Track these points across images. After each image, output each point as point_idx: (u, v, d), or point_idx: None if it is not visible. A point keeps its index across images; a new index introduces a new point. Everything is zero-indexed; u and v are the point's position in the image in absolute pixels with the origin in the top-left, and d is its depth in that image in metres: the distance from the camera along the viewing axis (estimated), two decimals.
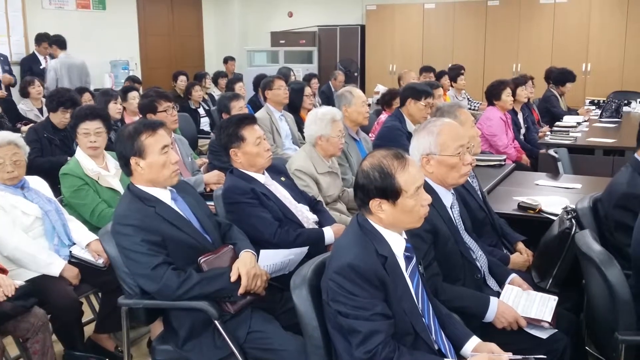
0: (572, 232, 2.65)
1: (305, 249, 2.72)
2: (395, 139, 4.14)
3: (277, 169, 3.13)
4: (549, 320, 2.30)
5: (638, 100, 8.06)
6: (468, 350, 2.01)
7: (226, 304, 2.38)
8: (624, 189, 2.66)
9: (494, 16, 10.28)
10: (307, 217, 2.98)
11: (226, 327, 2.35)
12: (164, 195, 2.48)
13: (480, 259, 2.58)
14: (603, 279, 2.13)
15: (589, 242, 2.28)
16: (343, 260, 1.83)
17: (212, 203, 3.10)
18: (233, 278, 2.36)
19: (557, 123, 6.55)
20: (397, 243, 1.94)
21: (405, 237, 2.00)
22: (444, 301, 2.19)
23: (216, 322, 2.32)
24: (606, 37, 9.50)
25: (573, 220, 2.76)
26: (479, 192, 3.07)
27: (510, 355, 1.91)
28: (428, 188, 2.37)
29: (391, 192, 1.86)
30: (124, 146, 2.44)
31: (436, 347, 1.95)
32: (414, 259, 2.02)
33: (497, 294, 2.45)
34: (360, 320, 1.78)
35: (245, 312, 2.42)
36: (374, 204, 1.88)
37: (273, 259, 2.63)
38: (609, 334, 2.15)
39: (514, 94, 5.82)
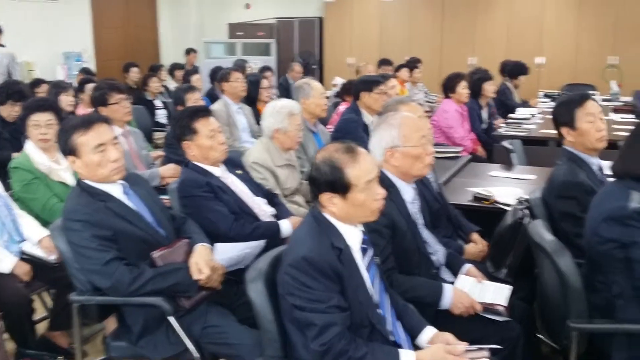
0: (525, 223, 2.70)
1: (262, 243, 2.70)
2: (351, 131, 4.14)
3: (234, 162, 3.10)
4: (504, 304, 2.34)
5: (589, 92, 8.26)
6: (423, 340, 2.03)
7: (181, 299, 2.34)
8: (562, 178, 2.72)
9: (451, 9, 10.40)
10: (264, 210, 2.96)
11: (181, 322, 2.32)
12: (115, 189, 2.42)
13: (437, 253, 2.61)
14: (555, 267, 2.18)
15: (540, 231, 2.32)
16: (298, 253, 1.82)
17: (167, 197, 3.05)
18: (194, 274, 2.33)
19: (511, 115, 6.67)
20: (353, 235, 1.94)
21: (363, 229, 2.01)
22: (400, 292, 2.21)
23: (170, 317, 2.29)
24: (560, 31, 9.71)
25: (526, 211, 2.82)
26: (434, 184, 3.10)
27: (465, 345, 1.93)
28: (388, 182, 2.39)
29: (340, 186, 1.86)
30: (61, 144, 2.39)
31: (392, 339, 1.96)
32: (371, 251, 2.03)
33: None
34: (316, 313, 1.78)
35: (201, 307, 2.40)
36: (324, 197, 1.88)
37: (229, 252, 2.61)
38: (560, 322, 2.20)
39: (480, 90, 5.90)
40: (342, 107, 5.64)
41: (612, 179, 2.38)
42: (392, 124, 2.46)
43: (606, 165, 2.82)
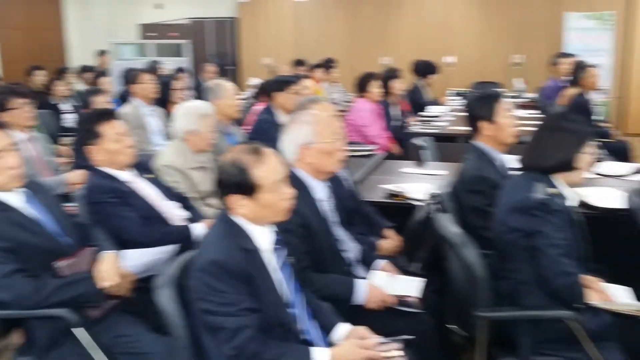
0: (435, 217, 2.77)
1: (174, 248, 2.64)
2: (266, 131, 4.13)
3: (143, 166, 3.01)
4: (416, 295, 2.40)
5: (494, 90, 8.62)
6: (338, 337, 2.05)
7: (89, 309, 2.25)
8: (471, 173, 2.83)
9: (363, 10, 10.56)
10: (175, 214, 2.89)
11: (91, 333, 2.23)
12: (15, 197, 2.30)
13: (351, 250, 2.64)
14: (461, 259, 2.25)
15: (447, 225, 2.39)
16: (207, 257, 1.79)
17: (74, 204, 2.92)
18: (100, 282, 2.24)
19: (422, 113, 6.86)
20: (264, 236, 1.93)
21: (276, 229, 2.00)
22: (314, 291, 2.21)
23: (77, 329, 2.19)
24: (467, 31, 10.07)
25: (436, 205, 2.90)
26: (348, 182, 3.13)
27: (378, 338, 1.97)
28: (300, 182, 2.40)
29: (248, 187, 1.84)
30: None
31: (306, 337, 1.97)
32: (284, 251, 2.02)
33: None
34: (227, 316, 1.76)
35: (112, 316, 2.32)
36: (232, 199, 1.86)
37: (139, 259, 2.53)
38: (468, 312, 2.27)
39: (388, 88, 6.02)
40: (257, 107, 5.61)
41: (517, 172, 2.50)
42: (304, 121, 2.47)
43: (510, 160, 2.95)
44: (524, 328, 2.22)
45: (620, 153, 5.70)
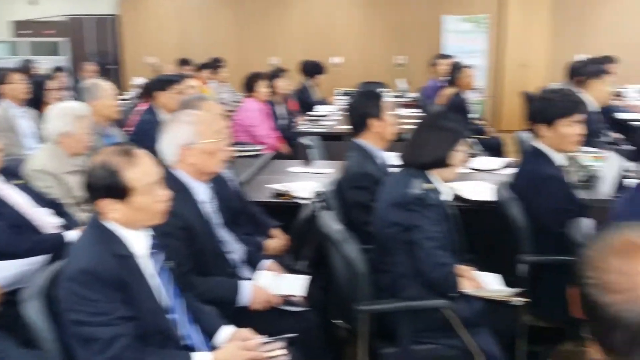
0: (319, 215, 2.81)
1: (45, 257, 2.49)
2: (147, 132, 3.99)
3: (11, 171, 2.82)
4: (301, 294, 2.42)
5: (379, 90, 8.87)
6: (221, 340, 2.02)
7: None
8: (354, 170, 2.90)
9: (250, 9, 10.51)
10: (48, 222, 2.73)
11: None
12: None
13: (236, 251, 2.61)
14: (342, 255, 2.29)
15: (329, 222, 2.43)
16: (76, 265, 1.70)
17: None
18: None
19: (310, 113, 6.94)
20: (139, 241, 1.86)
21: (152, 233, 1.93)
22: (198, 294, 2.17)
23: None
24: (352, 32, 10.29)
25: (321, 203, 2.94)
26: (234, 183, 3.11)
27: (262, 338, 1.96)
28: (180, 184, 2.34)
29: (119, 191, 1.77)
30: None
31: (187, 343, 1.92)
32: (161, 255, 1.96)
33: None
34: (100, 326, 1.68)
35: None
36: (103, 204, 1.78)
37: (7, 270, 2.37)
38: (351, 306, 2.32)
39: (273, 87, 6.04)
40: (140, 108, 5.42)
41: (397, 169, 2.59)
42: (186, 121, 2.41)
43: (390, 157, 3.05)
44: (403, 319, 2.30)
45: (494, 149, 6.05)
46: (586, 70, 4.55)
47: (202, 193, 2.47)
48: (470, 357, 2.31)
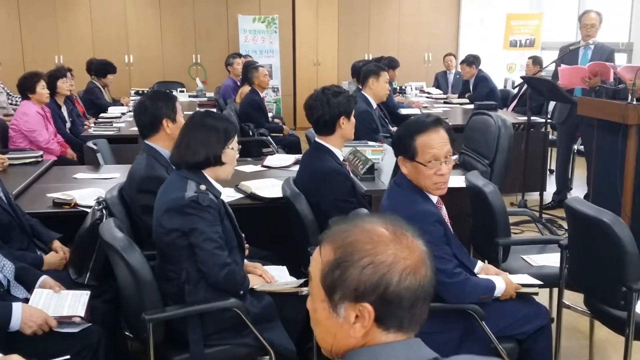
0: (102, 223, 2.65)
1: None
2: None
3: None
4: (82, 315, 2.26)
5: (178, 89, 8.72)
6: None
7: None
8: (142, 173, 2.79)
9: (27, 6, 9.60)
10: None
11: None
12: None
13: (4, 269, 2.36)
14: (125, 264, 2.18)
15: (112, 230, 2.30)
16: None
17: None
18: None
19: (102, 115, 6.58)
20: None
21: None
22: None
23: None
24: (145, 30, 9.90)
25: (104, 211, 2.78)
26: (1, 195, 2.81)
27: None
28: None
29: None
30: None
31: None
32: None
33: (27, 301, 2.30)
34: None
35: None
36: None
37: None
38: (139, 316, 2.22)
39: (54, 87, 5.60)
40: None
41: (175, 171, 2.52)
42: None
43: None
44: (192, 324, 2.25)
45: (292, 146, 6.25)
46: (365, 70, 4.86)
47: None
48: (263, 352, 2.34)
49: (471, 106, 7.03)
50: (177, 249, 2.29)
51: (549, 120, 5.69)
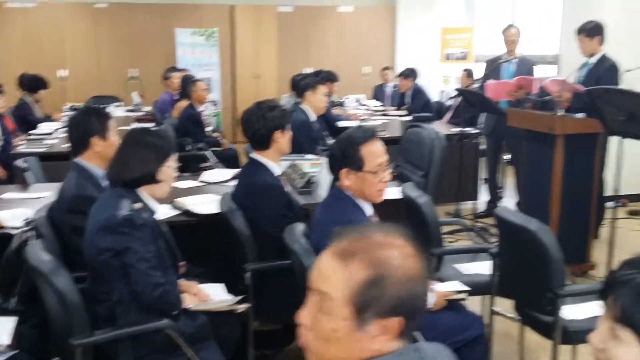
0: (28, 245, 2.56)
1: None
2: None
3: None
4: (8, 342, 2.17)
5: (115, 104, 8.54)
6: None
7: None
8: (72, 192, 2.72)
9: None
10: None
11: None
12: None
13: None
14: (52, 288, 2.12)
15: (38, 253, 2.23)
16: None
17: None
18: None
19: (33, 131, 6.37)
20: None
21: None
22: None
23: None
24: (81, 44, 9.67)
25: (31, 232, 2.69)
26: None
27: None
28: None
29: None
30: None
31: None
32: None
33: None
34: None
35: None
36: None
37: None
38: (67, 341, 2.15)
39: None
40: None
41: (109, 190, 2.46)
42: None
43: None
44: (124, 347, 2.20)
45: (230, 160, 6.20)
46: (302, 83, 4.90)
47: None
48: None
49: (409, 118, 7.17)
50: (109, 269, 2.24)
51: (477, 131, 5.88)
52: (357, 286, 1.05)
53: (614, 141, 3.95)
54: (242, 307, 2.47)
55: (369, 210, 2.38)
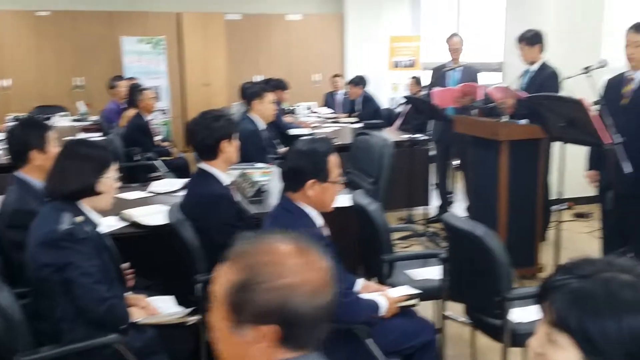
0: None
1: None
2: None
3: None
4: None
5: (60, 114, 8.32)
6: None
7: None
8: (13, 207, 2.64)
9: None
10: None
11: None
12: None
13: None
14: None
15: None
16: None
17: None
18: None
19: None
20: None
21: None
22: None
23: None
24: (22, 52, 9.39)
25: None
26: None
27: None
28: None
29: None
30: None
31: None
32: None
33: None
34: None
35: None
36: None
37: None
38: (10, 359, 2.07)
39: None
40: None
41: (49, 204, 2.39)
42: None
43: None
44: None
45: (181, 169, 6.12)
46: (249, 92, 4.88)
47: None
48: None
49: (360, 125, 7.23)
50: (51, 284, 2.17)
51: (427, 138, 5.98)
52: (230, 288, 1.08)
53: (556, 146, 4.07)
54: (193, 319, 2.42)
55: (319, 220, 2.39)
